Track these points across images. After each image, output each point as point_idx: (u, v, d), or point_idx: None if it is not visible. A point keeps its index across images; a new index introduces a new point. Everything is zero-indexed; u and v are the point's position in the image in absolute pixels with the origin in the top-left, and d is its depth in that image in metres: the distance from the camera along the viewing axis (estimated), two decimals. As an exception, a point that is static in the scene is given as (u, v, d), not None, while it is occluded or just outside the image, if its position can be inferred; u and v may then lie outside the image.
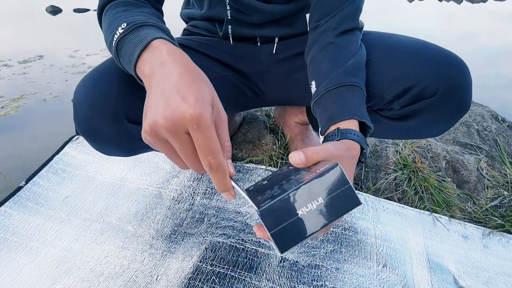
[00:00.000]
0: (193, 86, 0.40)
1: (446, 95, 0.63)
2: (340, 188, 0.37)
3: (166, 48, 0.46)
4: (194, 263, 0.76)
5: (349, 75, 0.60)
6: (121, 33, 0.50)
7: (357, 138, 0.51)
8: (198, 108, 0.38)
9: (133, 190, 0.94)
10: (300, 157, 0.43)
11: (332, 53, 0.64)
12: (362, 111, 0.56)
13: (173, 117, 0.38)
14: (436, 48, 0.66)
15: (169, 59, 0.44)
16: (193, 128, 0.37)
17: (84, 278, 0.72)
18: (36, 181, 0.94)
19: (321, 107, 0.59)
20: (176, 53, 0.45)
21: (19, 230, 0.82)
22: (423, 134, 0.74)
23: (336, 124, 0.55)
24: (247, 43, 0.82)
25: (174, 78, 0.41)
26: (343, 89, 0.58)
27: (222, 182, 0.41)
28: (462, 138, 1.28)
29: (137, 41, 0.48)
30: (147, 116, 0.41)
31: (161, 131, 0.39)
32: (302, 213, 0.37)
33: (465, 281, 0.80)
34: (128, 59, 0.49)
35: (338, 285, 0.75)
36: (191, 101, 0.38)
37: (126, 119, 0.61)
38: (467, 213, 1.01)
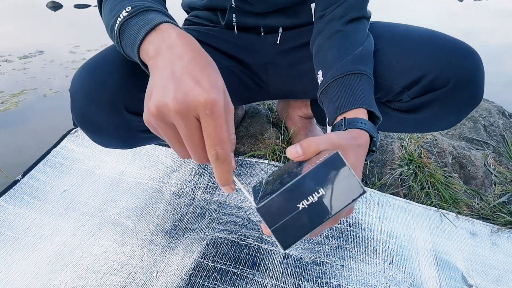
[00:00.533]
0: (206, 71, 0.38)
1: (458, 85, 0.61)
2: (341, 177, 0.35)
3: (176, 31, 0.43)
4: (195, 259, 0.73)
5: (357, 63, 0.57)
6: (125, 16, 0.47)
7: (364, 127, 0.49)
8: (213, 93, 0.35)
9: (133, 184, 0.91)
10: (297, 150, 0.41)
11: (339, 42, 0.62)
12: (370, 100, 0.54)
13: (185, 100, 0.35)
14: (447, 38, 0.64)
15: (180, 42, 0.41)
16: (205, 114, 0.35)
17: (81, 274, 0.70)
18: (33, 175, 0.92)
19: (328, 96, 0.57)
20: (187, 37, 0.42)
21: (15, 225, 0.79)
22: (433, 127, 0.72)
23: (343, 114, 0.52)
24: (251, 33, 0.79)
25: (186, 60, 0.38)
26: (350, 77, 0.56)
27: (225, 175, 0.38)
28: (468, 133, 1.25)
29: (142, 23, 0.45)
30: (153, 96, 0.37)
31: (170, 114, 0.36)
32: (303, 206, 0.35)
33: (474, 279, 0.78)
34: (132, 41, 0.46)
35: (343, 282, 0.73)
36: (206, 85, 0.36)
37: (125, 109, 0.58)
38: (474, 210, 0.99)
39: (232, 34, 0.79)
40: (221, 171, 0.38)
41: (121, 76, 0.57)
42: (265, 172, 0.96)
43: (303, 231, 0.35)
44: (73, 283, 0.69)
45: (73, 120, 0.62)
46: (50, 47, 2.19)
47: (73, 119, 0.62)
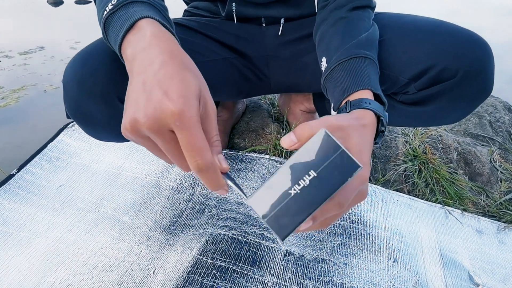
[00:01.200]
0: (176, 77, 0.36)
1: (467, 77, 0.58)
2: (332, 154, 0.33)
3: (151, 30, 0.41)
4: (194, 256, 0.71)
5: (362, 47, 0.55)
6: (110, 9, 0.45)
7: (369, 106, 0.46)
8: (180, 104, 0.33)
9: (131, 179, 0.89)
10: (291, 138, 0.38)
11: (343, 28, 0.59)
12: (376, 83, 0.51)
13: (154, 115, 0.34)
14: (456, 27, 0.61)
15: (153, 43, 0.39)
16: (176, 126, 0.34)
17: (77, 271, 0.68)
18: (28, 169, 0.90)
19: (333, 81, 0.54)
20: (161, 36, 0.40)
21: (9, 220, 0.77)
22: (440, 120, 0.69)
23: (348, 96, 0.50)
24: (252, 24, 0.77)
25: (156, 67, 0.37)
26: (355, 61, 0.53)
27: (213, 182, 0.37)
28: (473, 129, 1.23)
29: (124, 19, 0.43)
30: (126, 112, 0.36)
31: (143, 130, 0.35)
32: (295, 192, 0.33)
33: (481, 278, 0.76)
34: (115, 38, 0.44)
35: (346, 280, 0.71)
36: (174, 96, 0.34)
37: (117, 100, 0.56)
38: (480, 207, 0.96)
39: (233, 25, 0.77)
40: (207, 180, 0.36)
41: (114, 65, 0.55)
42: (266, 167, 0.93)
43: (299, 218, 0.33)
44: (68, 280, 0.67)
45: (66, 112, 0.60)
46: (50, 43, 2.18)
47: (66, 111, 0.60)
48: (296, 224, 0.33)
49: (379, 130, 0.47)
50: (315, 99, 0.96)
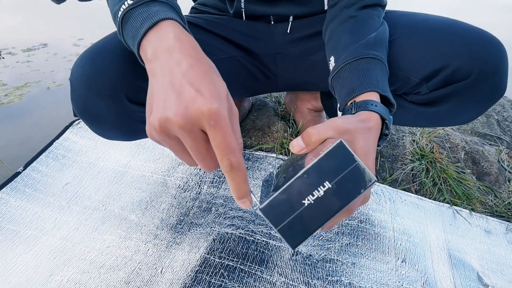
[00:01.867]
0: (207, 78, 0.36)
1: (481, 78, 0.57)
2: (347, 166, 0.33)
3: (175, 32, 0.40)
4: (201, 255, 0.71)
5: (370, 48, 0.54)
6: (130, 4, 0.45)
7: (375, 108, 0.45)
8: (215, 103, 0.33)
9: (137, 177, 0.89)
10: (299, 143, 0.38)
11: (352, 27, 0.59)
12: (384, 84, 0.51)
13: (188, 113, 0.33)
14: (469, 27, 0.60)
15: (178, 45, 0.39)
16: (210, 125, 0.33)
17: (84, 270, 0.68)
18: (35, 167, 0.90)
19: (340, 81, 0.54)
20: (185, 39, 0.40)
21: (16, 218, 0.77)
22: (451, 121, 0.69)
23: (354, 97, 0.49)
24: (260, 21, 0.76)
25: (184, 68, 0.36)
26: (363, 61, 0.52)
27: (242, 184, 0.36)
28: (481, 128, 1.22)
29: (145, 16, 0.42)
30: (154, 111, 0.36)
31: (173, 129, 0.34)
32: (308, 202, 0.33)
33: (490, 279, 0.75)
34: (133, 35, 0.43)
35: (354, 280, 0.70)
36: (207, 94, 0.34)
37: (126, 98, 0.56)
38: (488, 207, 0.96)
39: (241, 23, 0.76)
40: (237, 180, 0.35)
41: (122, 64, 0.55)
42: (272, 166, 0.93)
43: (312, 228, 0.33)
44: (75, 279, 0.66)
45: (73, 110, 0.59)
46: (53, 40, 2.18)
47: (73, 109, 0.59)
48: (308, 234, 0.33)
49: (383, 133, 0.47)
50: (323, 97, 0.95)
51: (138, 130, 0.64)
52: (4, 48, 1.98)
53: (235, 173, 0.35)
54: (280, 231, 0.33)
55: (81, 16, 2.80)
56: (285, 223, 0.33)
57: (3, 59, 1.82)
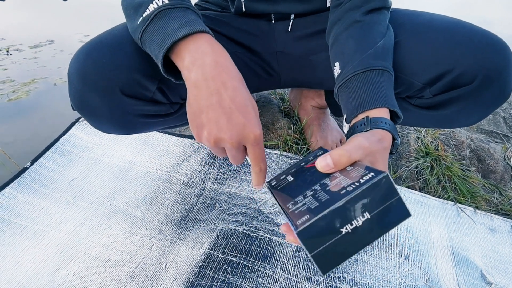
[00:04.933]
0: (249, 103, 0.44)
1: (485, 82, 0.56)
2: (388, 200, 0.33)
3: (214, 48, 0.47)
4: (205, 251, 0.72)
5: (379, 58, 0.53)
6: (166, 4, 0.48)
7: (388, 127, 0.46)
8: (258, 128, 0.43)
9: (142, 173, 0.90)
10: (327, 163, 0.39)
11: (358, 33, 0.58)
12: (392, 99, 0.50)
13: (239, 137, 0.42)
14: (474, 28, 0.59)
15: (220, 63, 0.45)
16: (253, 145, 0.44)
17: (90, 264, 0.69)
18: (41, 163, 0.91)
19: (348, 92, 0.53)
20: (225, 59, 0.47)
21: (23, 213, 0.79)
22: (455, 123, 0.68)
23: (365, 112, 0.49)
24: (261, 20, 0.76)
25: (230, 92, 0.43)
26: (373, 73, 0.52)
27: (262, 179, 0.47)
28: (487, 126, 1.21)
29: (184, 22, 0.47)
30: (208, 128, 0.43)
31: (225, 145, 0.44)
32: (346, 231, 0.33)
33: (494, 277, 0.75)
34: (168, 34, 0.46)
35: (357, 277, 0.70)
36: (253, 121, 0.43)
37: (120, 92, 0.56)
38: (493, 205, 0.95)
39: (242, 21, 0.76)
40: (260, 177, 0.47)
41: (116, 57, 0.55)
42: (276, 163, 0.93)
43: (345, 256, 0.33)
44: (81, 273, 0.68)
45: (71, 105, 0.60)
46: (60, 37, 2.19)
47: (71, 103, 0.60)
48: (340, 262, 0.33)
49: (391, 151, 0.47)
50: (327, 95, 0.95)
51: (134, 124, 0.64)
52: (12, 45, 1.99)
53: (261, 174, 0.46)
54: (313, 257, 0.33)
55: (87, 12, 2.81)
56: (320, 249, 0.32)
57: (11, 56, 1.84)
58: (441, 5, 3.42)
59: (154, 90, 0.61)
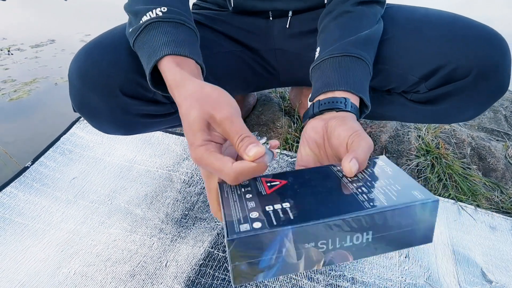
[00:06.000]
0: (188, 130, 0.39)
1: (481, 76, 0.56)
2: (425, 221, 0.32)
3: (171, 78, 0.45)
4: (205, 249, 0.72)
5: (358, 47, 0.54)
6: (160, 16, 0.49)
7: (351, 110, 0.47)
8: (193, 154, 0.38)
9: (143, 172, 0.90)
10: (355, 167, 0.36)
11: (345, 22, 0.58)
12: (361, 85, 0.50)
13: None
14: (471, 23, 0.59)
15: (177, 100, 0.43)
16: (198, 166, 0.39)
17: (91, 263, 0.69)
18: (42, 162, 0.91)
19: (319, 72, 0.54)
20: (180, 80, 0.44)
21: (24, 212, 0.79)
22: (452, 119, 0.68)
23: (329, 92, 0.49)
24: (259, 17, 0.76)
25: (183, 118, 0.41)
26: (347, 59, 0.52)
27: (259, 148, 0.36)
28: (488, 124, 1.20)
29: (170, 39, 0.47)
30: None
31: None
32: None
33: (494, 275, 0.75)
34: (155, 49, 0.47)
35: (357, 275, 0.70)
36: (190, 148, 0.39)
37: (120, 92, 0.56)
38: (494, 203, 0.95)
39: (240, 19, 0.76)
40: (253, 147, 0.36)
41: (116, 57, 0.56)
42: (277, 161, 0.93)
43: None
44: (82, 271, 0.68)
45: (72, 106, 0.61)
46: (61, 36, 2.19)
47: (72, 104, 0.60)
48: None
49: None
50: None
51: (134, 124, 0.64)
52: (13, 44, 2.00)
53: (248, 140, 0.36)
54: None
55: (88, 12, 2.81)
56: None
57: (12, 55, 1.85)
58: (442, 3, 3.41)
59: (154, 91, 0.61)
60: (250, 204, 0.33)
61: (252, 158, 0.34)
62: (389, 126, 1.10)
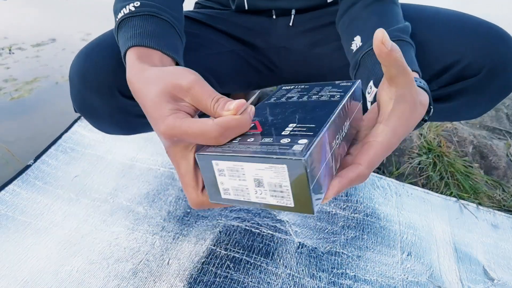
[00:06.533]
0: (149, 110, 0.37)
1: (491, 74, 0.56)
2: None
3: (129, 69, 0.43)
4: (207, 247, 0.72)
5: (406, 34, 0.53)
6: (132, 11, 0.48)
7: (425, 86, 0.42)
8: (160, 128, 0.34)
9: (144, 170, 0.90)
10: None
11: (381, 10, 0.57)
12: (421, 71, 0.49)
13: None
14: (480, 21, 0.59)
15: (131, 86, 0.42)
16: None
17: (93, 260, 0.69)
18: (44, 160, 0.91)
19: (374, 58, 0.51)
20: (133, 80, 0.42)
21: (27, 210, 0.79)
22: (460, 116, 0.68)
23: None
24: (262, 16, 0.76)
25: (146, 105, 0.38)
26: (402, 43, 0.51)
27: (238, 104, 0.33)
28: (490, 122, 1.20)
29: (135, 33, 0.45)
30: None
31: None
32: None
33: (496, 273, 0.75)
34: (122, 44, 0.46)
35: (359, 273, 0.71)
36: (151, 121, 0.37)
37: (119, 93, 0.56)
38: (496, 201, 0.95)
39: (242, 17, 0.76)
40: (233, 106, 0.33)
41: (115, 58, 0.56)
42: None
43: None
44: (84, 269, 0.68)
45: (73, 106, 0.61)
46: (62, 35, 2.19)
47: (73, 105, 0.60)
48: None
49: (423, 118, 0.43)
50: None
51: (134, 124, 0.64)
52: (14, 43, 2.00)
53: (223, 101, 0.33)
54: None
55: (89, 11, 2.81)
56: None
57: (13, 54, 1.85)
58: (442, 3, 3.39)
59: None
60: (267, 139, 0.31)
61: (234, 112, 0.32)
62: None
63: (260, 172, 0.29)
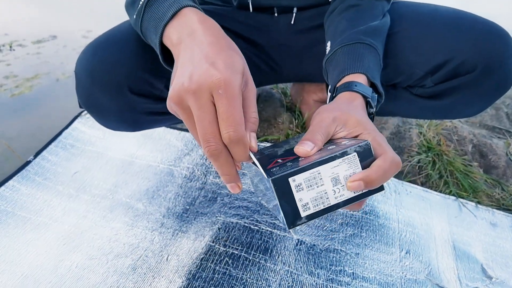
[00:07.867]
0: (223, 53, 0.38)
1: (486, 71, 0.56)
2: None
3: (197, 17, 0.42)
4: (206, 243, 0.72)
5: (368, 35, 0.54)
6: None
7: (356, 88, 0.46)
8: (225, 73, 0.35)
9: (144, 167, 0.90)
10: (310, 148, 0.36)
11: (352, 15, 0.59)
12: (373, 71, 0.50)
13: (199, 80, 0.35)
14: (476, 18, 0.59)
15: (200, 27, 0.41)
16: (218, 94, 0.34)
17: (92, 256, 0.70)
18: (44, 156, 0.91)
19: (333, 63, 0.54)
20: (208, 22, 0.42)
21: (27, 205, 0.79)
22: (457, 114, 0.68)
23: (345, 77, 0.49)
24: (263, 13, 0.76)
25: (204, 46, 0.39)
26: (359, 46, 0.52)
27: (239, 155, 0.36)
28: (490, 121, 1.20)
29: (166, 6, 0.44)
30: (173, 82, 0.38)
31: (186, 96, 0.35)
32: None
33: (494, 271, 0.75)
34: (155, 24, 0.45)
35: (358, 271, 0.71)
36: (220, 66, 0.35)
37: (128, 90, 0.57)
38: (495, 200, 0.95)
39: (244, 14, 0.76)
40: (236, 152, 0.36)
41: (124, 56, 0.56)
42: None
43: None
44: (84, 264, 0.68)
45: (79, 102, 0.61)
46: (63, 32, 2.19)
47: (79, 101, 0.60)
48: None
49: (369, 112, 0.46)
50: (329, 89, 0.95)
51: (142, 121, 0.65)
52: (15, 40, 2.00)
53: (232, 146, 0.35)
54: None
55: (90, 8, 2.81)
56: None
57: (14, 51, 1.85)
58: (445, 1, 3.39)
59: (162, 88, 0.61)
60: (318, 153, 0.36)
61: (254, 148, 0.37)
62: (390, 123, 1.10)
63: (335, 169, 0.34)
